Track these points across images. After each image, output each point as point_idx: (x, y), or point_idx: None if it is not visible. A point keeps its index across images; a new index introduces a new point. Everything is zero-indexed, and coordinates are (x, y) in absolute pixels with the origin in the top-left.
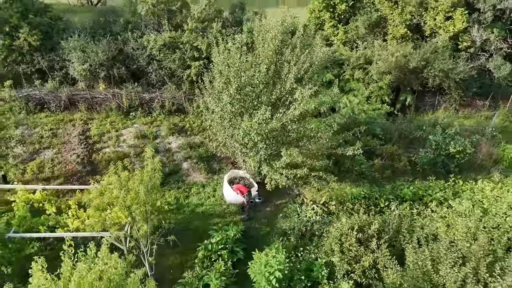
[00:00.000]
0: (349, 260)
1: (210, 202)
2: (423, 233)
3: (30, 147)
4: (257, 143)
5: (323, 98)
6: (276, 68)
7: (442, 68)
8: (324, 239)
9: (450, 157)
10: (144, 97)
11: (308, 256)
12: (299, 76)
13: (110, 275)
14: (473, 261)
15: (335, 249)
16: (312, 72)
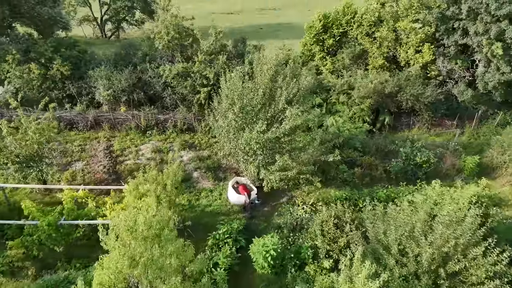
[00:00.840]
0: (329, 241)
1: (217, 204)
2: (385, 218)
3: (63, 159)
4: (256, 151)
5: (308, 116)
6: (271, 92)
7: (413, 93)
8: (310, 227)
9: (418, 166)
10: (159, 118)
11: (297, 242)
12: (288, 98)
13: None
14: (409, 226)
15: (318, 233)
16: (299, 95)
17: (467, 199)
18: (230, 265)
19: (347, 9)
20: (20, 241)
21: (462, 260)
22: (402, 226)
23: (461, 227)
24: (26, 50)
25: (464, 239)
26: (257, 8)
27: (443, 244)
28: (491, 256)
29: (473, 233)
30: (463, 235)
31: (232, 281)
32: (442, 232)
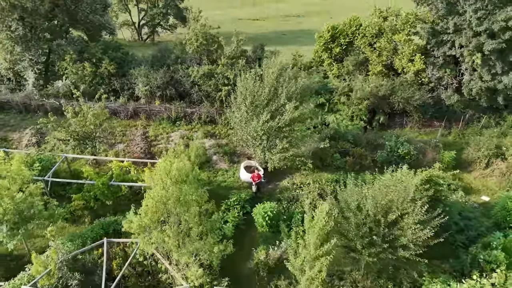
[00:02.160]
0: (313, 207)
1: (230, 180)
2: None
3: (109, 141)
4: (262, 136)
5: (303, 110)
6: (275, 90)
7: (403, 96)
8: (300, 199)
9: (401, 157)
10: (187, 111)
11: (291, 209)
12: (288, 95)
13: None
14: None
15: (305, 201)
16: (297, 93)
17: (420, 177)
18: (237, 224)
19: (353, 22)
20: (81, 196)
21: (397, 212)
22: (362, 193)
23: (397, 187)
24: (80, 51)
25: (398, 196)
26: (282, 15)
27: (383, 198)
28: (420, 210)
29: (406, 195)
30: (399, 193)
31: (238, 235)
32: (381, 190)
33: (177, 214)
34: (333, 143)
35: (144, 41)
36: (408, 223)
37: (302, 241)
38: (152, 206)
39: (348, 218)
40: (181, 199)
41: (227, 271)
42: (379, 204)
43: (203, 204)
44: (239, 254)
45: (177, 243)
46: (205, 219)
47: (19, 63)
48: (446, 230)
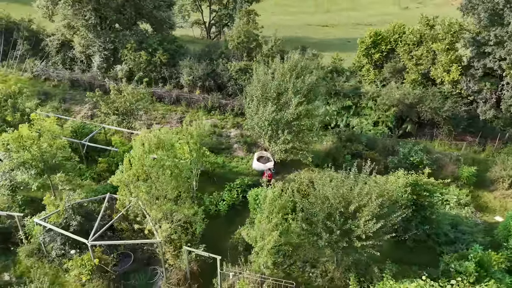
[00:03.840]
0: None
1: (242, 167)
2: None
3: (148, 121)
4: (268, 127)
5: (308, 106)
6: (284, 84)
7: (431, 106)
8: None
9: (414, 166)
10: (222, 102)
11: None
12: (295, 90)
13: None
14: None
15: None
16: (305, 89)
17: (404, 180)
18: (234, 203)
19: (397, 29)
20: (106, 160)
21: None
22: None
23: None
24: (141, 42)
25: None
26: (353, 23)
27: (340, 188)
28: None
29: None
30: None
31: (232, 214)
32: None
33: (156, 177)
34: (348, 144)
35: (212, 39)
36: (363, 215)
37: (260, 215)
38: (127, 164)
39: (313, 204)
40: (156, 163)
41: (210, 241)
42: (337, 193)
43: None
44: (228, 230)
45: (150, 200)
46: (181, 185)
47: (90, 48)
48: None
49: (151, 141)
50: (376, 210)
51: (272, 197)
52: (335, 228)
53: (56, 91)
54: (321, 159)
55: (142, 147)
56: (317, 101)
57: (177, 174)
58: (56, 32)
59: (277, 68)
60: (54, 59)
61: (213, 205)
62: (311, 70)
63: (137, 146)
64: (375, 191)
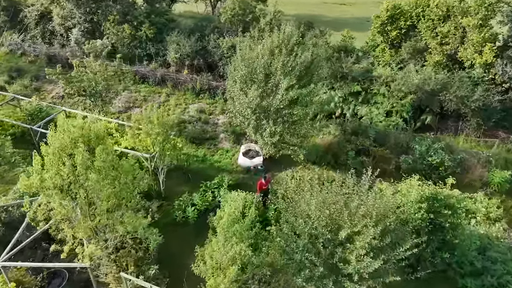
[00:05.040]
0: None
1: (225, 162)
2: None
3: (126, 104)
4: (250, 115)
5: (301, 91)
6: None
7: (457, 94)
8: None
9: (432, 168)
10: (212, 84)
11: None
12: (285, 71)
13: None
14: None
15: (279, 197)
16: (297, 70)
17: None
18: (207, 208)
19: (421, 1)
20: None
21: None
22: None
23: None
24: (126, 13)
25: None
26: (374, 0)
27: (329, 205)
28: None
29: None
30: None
31: (203, 220)
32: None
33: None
34: (353, 138)
35: (217, 16)
36: (355, 246)
37: (214, 240)
38: (36, 165)
39: (292, 224)
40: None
41: (169, 257)
42: (323, 212)
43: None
44: (195, 243)
45: (69, 215)
46: (126, 190)
47: (69, 20)
48: (450, 265)
49: (72, 133)
50: (375, 242)
51: (230, 219)
52: (318, 261)
53: (31, 68)
54: (319, 155)
55: (60, 140)
56: (318, 84)
57: (114, 176)
58: (36, 2)
59: (265, 42)
60: (33, 32)
61: (180, 210)
62: (307, 46)
63: (54, 140)
64: (376, 211)
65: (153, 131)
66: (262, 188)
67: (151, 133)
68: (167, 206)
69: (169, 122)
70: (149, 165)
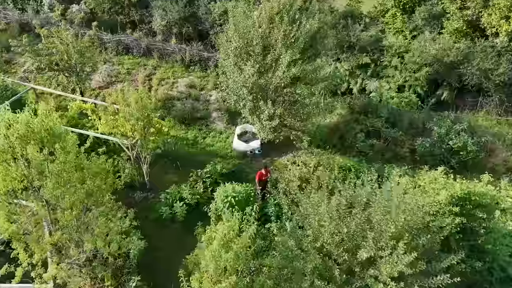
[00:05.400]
0: (290, 203)
1: (219, 145)
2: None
3: (108, 78)
4: (246, 96)
5: (305, 66)
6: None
7: (480, 67)
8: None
9: (453, 152)
10: (203, 55)
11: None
12: (286, 43)
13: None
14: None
15: (280, 191)
16: (301, 41)
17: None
18: (198, 202)
19: None
20: None
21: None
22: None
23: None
24: None
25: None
26: None
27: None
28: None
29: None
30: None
31: (194, 217)
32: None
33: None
34: (363, 118)
35: None
36: (381, 271)
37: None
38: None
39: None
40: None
41: (154, 263)
42: (339, 228)
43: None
44: (184, 245)
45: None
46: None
47: None
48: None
49: (16, 131)
50: (409, 270)
51: (221, 243)
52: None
53: (2, 37)
54: (324, 138)
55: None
56: (323, 57)
57: (79, 180)
58: None
59: (262, 8)
60: None
61: (167, 205)
62: (312, 12)
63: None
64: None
65: (132, 117)
66: (261, 179)
67: (129, 118)
68: (152, 199)
69: (151, 105)
70: (130, 153)
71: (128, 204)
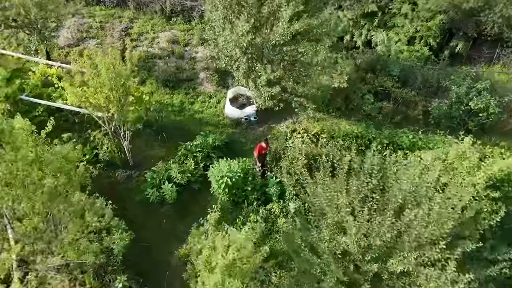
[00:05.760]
0: (295, 183)
1: (209, 112)
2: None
3: (79, 34)
4: (238, 57)
5: (310, 20)
6: None
7: (504, 13)
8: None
9: (471, 114)
10: (186, 4)
11: (270, 173)
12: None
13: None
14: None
15: (284, 170)
16: None
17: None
18: (189, 181)
19: None
20: None
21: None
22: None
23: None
24: None
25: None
26: None
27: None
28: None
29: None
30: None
31: (185, 199)
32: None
33: None
34: (370, 76)
35: None
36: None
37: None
38: None
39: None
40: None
41: (140, 259)
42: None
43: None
44: (176, 232)
45: None
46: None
47: None
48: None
49: None
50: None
51: (223, 272)
52: None
53: None
54: (327, 99)
55: None
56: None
57: (37, 178)
58: None
59: None
60: None
61: (154, 186)
62: None
63: None
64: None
65: (103, 88)
66: (261, 154)
67: (100, 90)
68: (137, 178)
69: (126, 72)
70: (107, 127)
71: (110, 186)
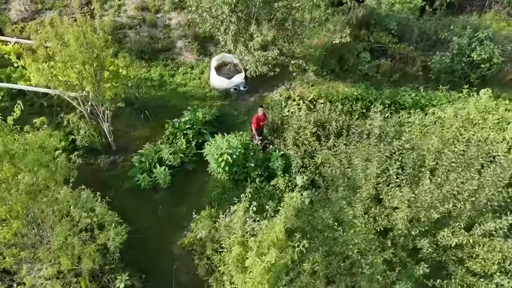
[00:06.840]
0: (303, 154)
1: (193, 84)
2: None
3: (33, 6)
4: (226, 17)
5: None
6: None
7: None
8: (286, 131)
9: (473, 66)
10: None
11: (270, 147)
12: None
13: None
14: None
15: (290, 141)
16: None
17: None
18: (181, 163)
19: None
20: None
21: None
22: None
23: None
24: None
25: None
26: None
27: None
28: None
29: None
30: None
31: (180, 182)
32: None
33: None
34: (364, 33)
35: None
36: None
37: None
38: None
39: None
40: None
41: (139, 253)
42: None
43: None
44: (175, 220)
45: None
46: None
47: None
48: None
49: None
50: None
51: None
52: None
53: None
54: (320, 60)
55: None
56: None
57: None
58: None
59: None
60: None
61: (144, 171)
62: None
63: None
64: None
65: (74, 62)
66: (259, 125)
67: (71, 64)
68: (122, 163)
69: (100, 41)
70: (83, 108)
71: (93, 174)
